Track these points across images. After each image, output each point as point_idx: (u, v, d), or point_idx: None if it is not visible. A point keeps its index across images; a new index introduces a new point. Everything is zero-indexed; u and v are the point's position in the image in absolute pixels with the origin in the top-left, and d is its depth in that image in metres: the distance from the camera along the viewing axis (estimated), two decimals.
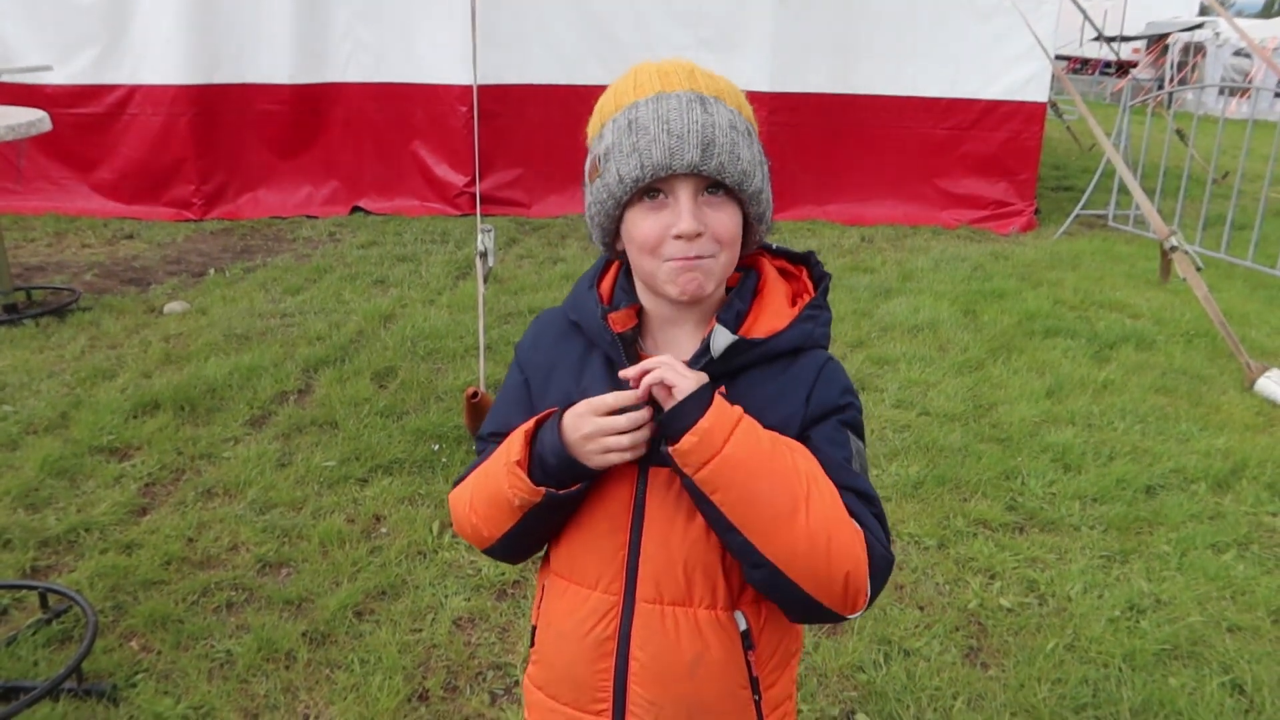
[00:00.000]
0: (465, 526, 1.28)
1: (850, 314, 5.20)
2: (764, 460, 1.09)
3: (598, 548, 1.21)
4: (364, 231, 6.83)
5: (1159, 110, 8.36)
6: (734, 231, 1.16)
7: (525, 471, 1.16)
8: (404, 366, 4.34)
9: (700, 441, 1.07)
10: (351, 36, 7.20)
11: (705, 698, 1.21)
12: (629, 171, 1.13)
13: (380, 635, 2.57)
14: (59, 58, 6.83)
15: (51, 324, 4.80)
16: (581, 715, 1.25)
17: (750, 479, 1.08)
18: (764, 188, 1.18)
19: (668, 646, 1.19)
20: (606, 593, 1.21)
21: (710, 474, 1.08)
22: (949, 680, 2.47)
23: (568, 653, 1.24)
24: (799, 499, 1.09)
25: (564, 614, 1.24)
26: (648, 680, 1.20)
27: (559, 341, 1.27)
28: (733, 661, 1.21)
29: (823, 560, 1.09)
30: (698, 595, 1.19)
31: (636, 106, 1.14)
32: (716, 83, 1.17)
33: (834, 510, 1.11)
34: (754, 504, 1.09)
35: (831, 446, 1.18)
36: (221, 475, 3.37)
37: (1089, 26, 12.18)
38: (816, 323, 1.22)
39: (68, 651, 2.49)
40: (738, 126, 1.14)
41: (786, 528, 1.09)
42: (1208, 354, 4.74)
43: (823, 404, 1.19)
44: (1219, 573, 2.94)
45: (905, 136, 7.44)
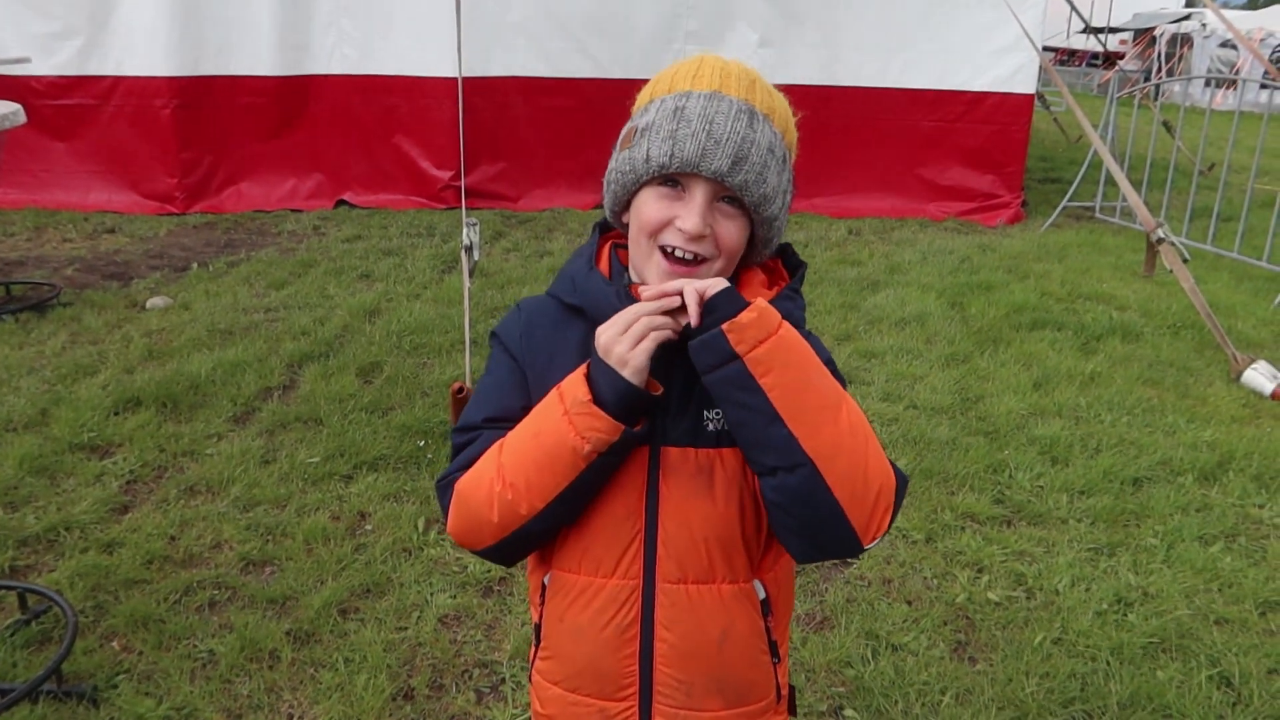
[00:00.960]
0: (488, 512, 1.17)
1: (837, 307, 5.18)
2: (809, 353, 1.11)
3: (614, 534, 1.19)
4: (349, 225, 6.78)
5: (1146, 102, 8.37)
6: (738, 244, 1.17)
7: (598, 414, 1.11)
8: (389, 361, 4.30)
9: (759, 317, 1.07)
10: (335, 28, 7.14)
11: (734, 669, 1.23)
12: (658, 155, 1.13)
13: (365, 634, 2.55)
14: (42, 49, 6.75)
15: (31, 319, 4.75)
16: (608, 704, 1.24)
17: (803, 362, 1.09)
18: (780, 215, 1.19)
19: (695, 625, 1.20)
20: (625, 578, 1.20)
21: (766, 352, 1.07)
22: (937, 675, 2.46)
23: (588, 645, 1.22)
24: (841, 395, 1.12)
25: (578, 608, 1.22)
26: (676, 660, 1.21)
27: (557, 329, 1.24)
28: (755, 631, 1.23)
29: (861, 463, 1.09)
30: (720, 571, 1.20)
31: (689, 96, 1.14)
32: (772, 100, 1.18)
33: (864, 419, 1.13)
34: (805, 391, 1.08)
35: None
36: (204, 472, 3.33)
37: (1076, 18, 12.20)
38: (795, 304, 1.22)
39: (47, 653, 2.45)
40: (775, 151, 1.15)
41: (832, 420, 1.08)
42: (1194, 346, 4.75)
43: None
44: (1206, 565, 2.94)
45: (892, 128, 7.44)
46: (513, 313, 1.30)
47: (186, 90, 6.98)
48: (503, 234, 6.66)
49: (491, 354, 1.30)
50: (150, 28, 6.85)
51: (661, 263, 1.15)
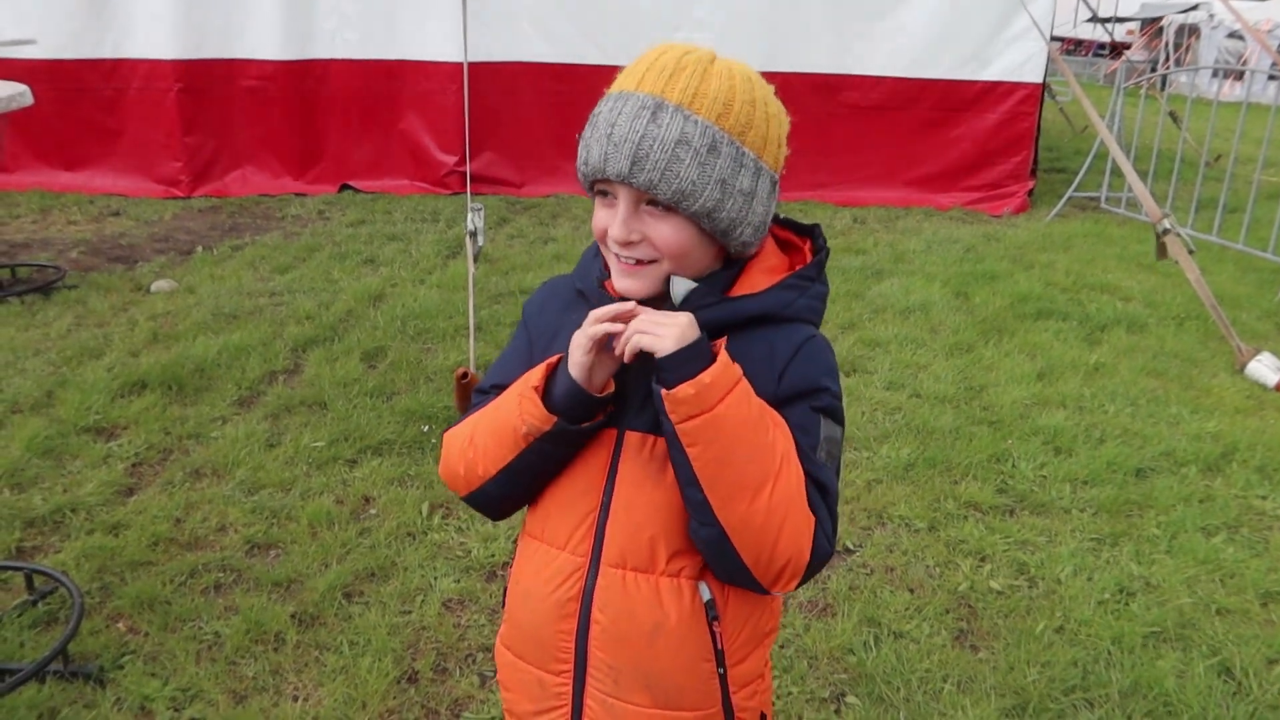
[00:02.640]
0: (458, 464, 1.25)
1: (842, 295, 5.18)
2: (749, 430, 1.09)
3: (571, 509, 1.21)
4: (353, 210, 6.78)
5: (1153, 92, 8.34)
6: (676, 244, 1.14)
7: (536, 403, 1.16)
8: (393, 346, 4.31)
9: (697, 395, 1.06)
10: (338, 12, 7.11)
11: (664, 666, 1.20)
12: (580, 164, 1.16)
13: (369, 617, 2.56)
14: (45, 31, 6.73)
15: (37, 302, 4.76)
16: (545, 675, 1.25)
17: (731, 444, 1.08)
18: (722, 206, 1.12)
19: (627, 611, 1.19)
20: (574, 554, 1.21)
21: (695, 427, 1.07)
22: (939, 663, 2.47)
23: (533, 612, 1.24)
24: (769, 475, 1.09)
25: (532, 573, 1.25)
26: (608, 644, 1.20)
27: (566, 309, 1.26)
28: (694, 632, 1.19)
29: (771, 541, 1.10)
30: (661, 563, 1.18)
31: (606, 99, 1.14)
32: (702, 85, 1.11)
33: (797, 495, 1.11)
34: (725, 468, 1.08)
35: (799, 433, 1.16)
36: (209, 455, 3.34)
37: (1083, 7, 12.13)
38: (802, 293, 1.20)
39: (54, 633, 2.47)
40: (690, 142, 1.09)
41: (748, 500, 1.08)
42: (1199, 337, 4.75)
43: (796, 384, 1.17)
44: (1208, 555, 2.94)
45: (899, 117, 7.41)
46: (539, 287, 1.36)
47: (191, 73, 6.97)
48: (507, 220, 6.65)
49: (518, 323, 1.36)
50: (155, 10, 6.83)
51: (615, 262, 1.18)
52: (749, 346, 1.17)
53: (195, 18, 6.89)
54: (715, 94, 1.11)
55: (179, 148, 7.06)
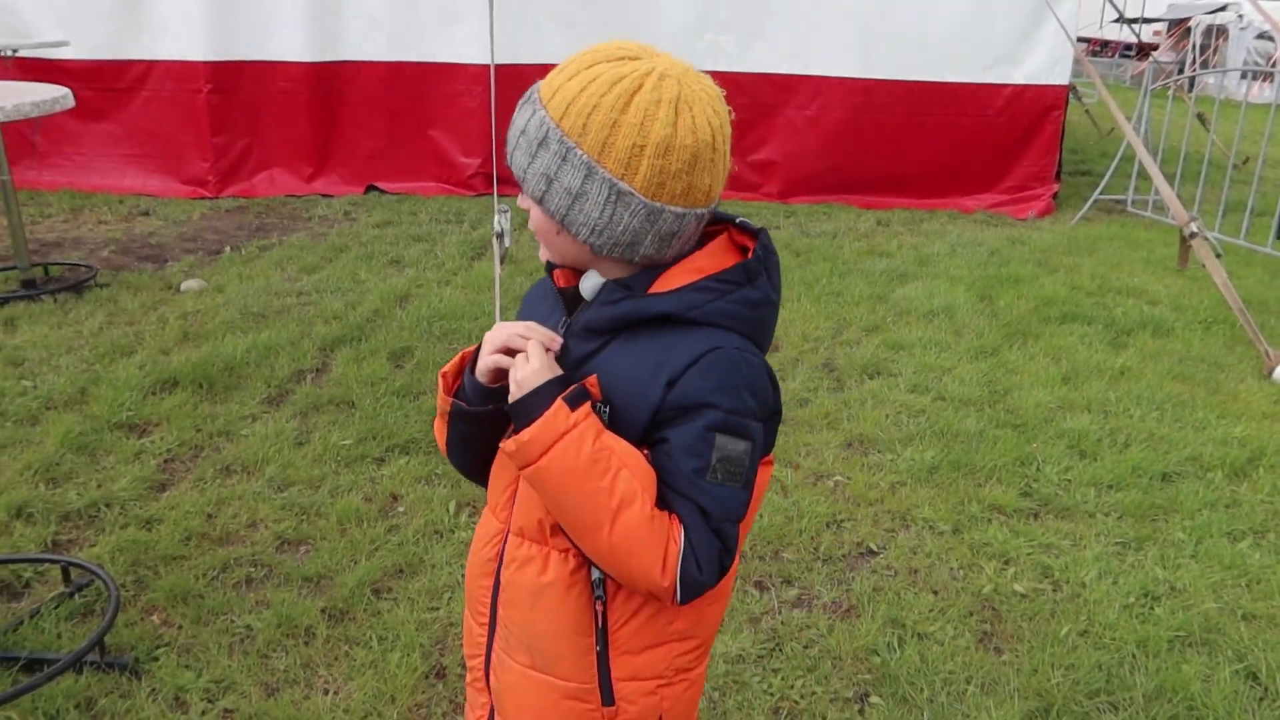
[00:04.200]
0: (438, 436, 1.39)
1: (866, 298, 5.18)
2: (576, 477, 1.13)
3: (499, 478, 1.34)
4: (379, 211, 6.84)
5: (1180, 94, 8.27)
6: (540, 226, 1.24)
7: (447, 384, 1.32)
8: (420, 346, 4.35)
9: (517, 450, 1.15)
10: (365, 14, 7.18)
11: (541, 630, 1.27)
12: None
13: (398, 613, 2.60)
14: (77, 33, 6.84)
15: (69, 300, 4.83)
16: (473, 625, 1.39)
17: (559, 491, 1.15)
18: (552, 199, 1.17)
19: (518, 576, 1.28)
20: (497, 519, 1.33)
21: (527, 475, 1.17)
22: (962, 664, 2.48)
23: (471, 566, 1.39)
24: (602, 521, 1.13)
25: (478, 532, 1.39)
26: (505, 603, 1.31)
27: (540, 301, 1.38)
28: (574, 604, 1.25)
29: (622, 570, 1.17)
30: (549, 536, 1.26)
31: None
32: (570, 84, 1.14)
33: (638, 536, 1.13)
34: (562, 511, 1.17)
35: (685, 455, 1.15)
36: (240, 452, 3.39)
37: (1110, 8, 12.04)
38: (720, 297, 1.18)
39: (90, 625, 2.52)
40: (529, 134, 1.17)
41: (591, 537, 1.15)
42: (1226, 341, 4.72)
43: (684, 398, 1.15)
44: (1234, 561, 2.93)
45: (924, 120, 7.38)
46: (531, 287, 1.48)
47: (221, 75, 7.05)
48: None
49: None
50: (185, 12, 6.91)
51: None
52: (650, 346, 1.18)
53: (225, 19, 6.97)
54: (566, 93, 1.14)
55: (208, 148, 7.14)
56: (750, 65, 7.15)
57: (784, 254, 5.95)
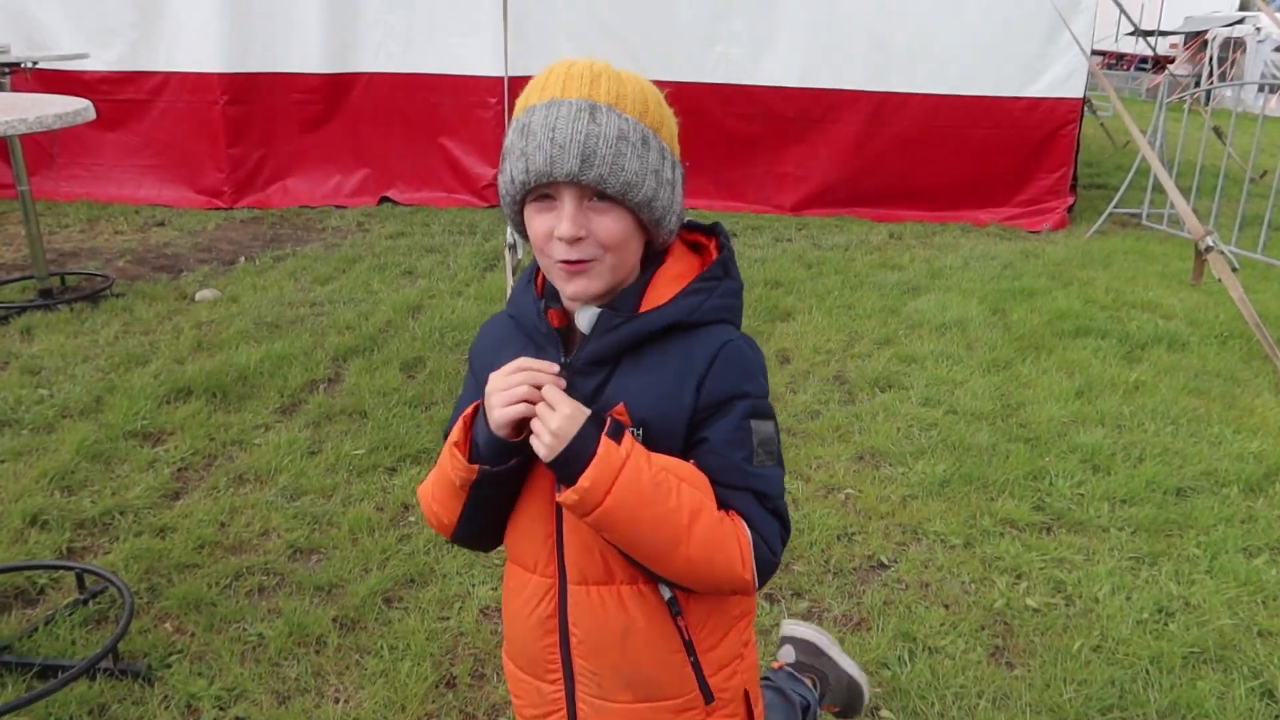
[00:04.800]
0: (431, 517, 1.34)
1: (878, 311, 5.17)
2: (645, 506, 1.14)
3: (532, 535, 1.29)
4: (392, 222, 6.87)
5: (1196, 107, 8.24)
6: (619, 236, 1.19)
7: (464, 452, 1.24)
8: (432, 357, 4.37)
9: (580, 500, 1.14)
10: (381, 26, 7.24)
11: (638, 665, 1.28)
12: (518, 174, 1.19)
13: (409, 622, 2.60)
14: (96, 45, 6.91)
15: (85, 309, 4.87)
16: (541, 684, 1.35)
17: (632, 525, 1.15)
18: (659, 194, 1.20)
19: (597, 623, 1.27)
20: (543, 575, 1.29)
21: (594, 521, 1.16)
22: (974, 679, 2.46)
23: (521, 629, 1.34)
24: (678, 538, 1.16)
25: (514, 593, 1.35)
26: (586, 653, 1.29)
27: (504, 344, 1.31)
28: (660, 629, 1.27)
29: (704, 579, 1.20)
30: (617, 574, 1.26)
31: (533, 110, 1.18)
32: (620, 88, 1.19)
33: (714, 539, 1.18)
34: (637, 543, 1.17)
35: (730, 447, 1.22)
36: (253, 461, 3.41)
37: (1125, 21, 12.02)
38: (710, 295, 1.24)
39: (103, 632, 2.53)
40: (628, 137, 1.16)
41: (667, 561, 1.18)
42: (1242, 356, 4.68)
43: (716, 395, 1.22)
44: (1250, 577, 2.91)
45: (937, 133, 7.37)
46: (479, 331, 1.42)
47: (236, 86, 7.12)
48: None
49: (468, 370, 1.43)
50: (202, 24, 6.99)
51: (560, 267, 1.21)
52: (662, 359, 1.22)
53: (242, 31, 7.04)
54: (634, 95, 1.19)
55: (223, 159, 7.20)
56: (763, 78, 7.16)
57: (796, 266, 5.95)
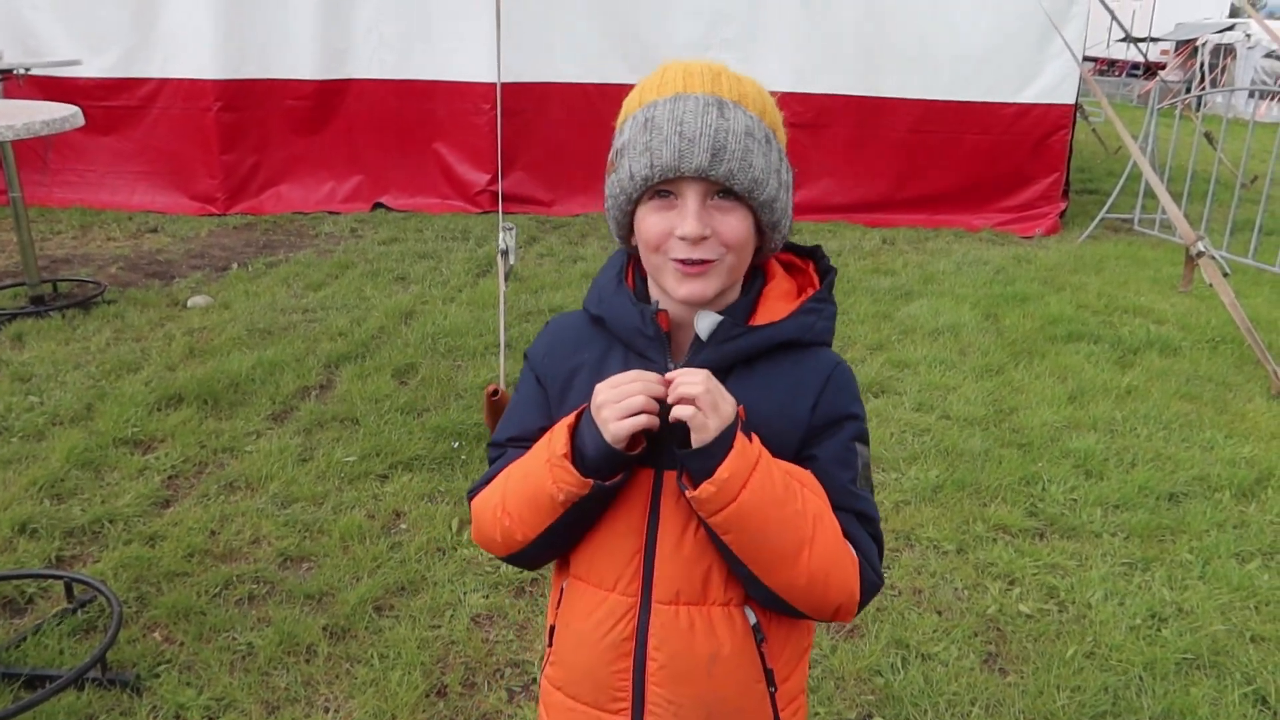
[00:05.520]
0: (493, 532, 1.25)
1: (870, 316, 5.17)
2: (776, 505, 1.12)
3: (615, 550, 1.21)
4: (385, 228, 6.86)
5: (1187, 113, 8.27)
6: (742, 236, 1.16)
7: (571, 470, 1.15)
8: (424, 363, 4.36)
9: (718, 492, 1.09)
10: (375, 33, 7.23)
11: (723, 694, 1.22)
12: (640, 169, 1.14)
13: (399, 631, 2.59)
14: (91, 51, 6.90)
15: (77, 316, 4.85)
16: (601, 715, 1.25)
17: (762, 525, 1.11)
18: (779, 196, 1.17)
19: (684, 646, 1.20)
20: (624, 594, 1.21)
21: (723, 519, 1.11)
22: (967, 686, 2.46)
23: (586, 654, 1.24)
24: (804, 540, 1.13)
25: (582, 615, 1.25)
26: (666, 680, 1.21)
27: (580, 347, 1.26)
28: (747, 656, 1.22)
29: (820, 593, 1.16)
30: (712, 593, 1.20)
31: (655, 105, 1.15)
32: (742, 86, 1.17)
33: (835, 548, 1.16)
34: (762, 547, 1.13)
35: (838, 467, 1.20)
36: (244, 469, 3.40)
37: (1116, 27, 12.07)
38: (820, 316, 1.23)
39: (92, 641, 2.52)
40: (754, 134, 1.13)
41: (790, 567, 1.13)
42: (1234, 361, 4.69)
43: (829, 414, 1.21)
44: (1243, 582, 2.91)
45: (929, 138, 7.39)
46: (542, 331, 1.34)
47: (230, 93, 7.10)
48: (537, 238, 6.71)
49: (521, 372, 1.35)
50: (196, 31, 6.98)
51: (675, 267, 1.17)
52: (774, 374, 1.20)
53: (236, 38, 7.03)
54: (754, 94, 1.17)
55: (216, 165, 7.19)
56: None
57: None
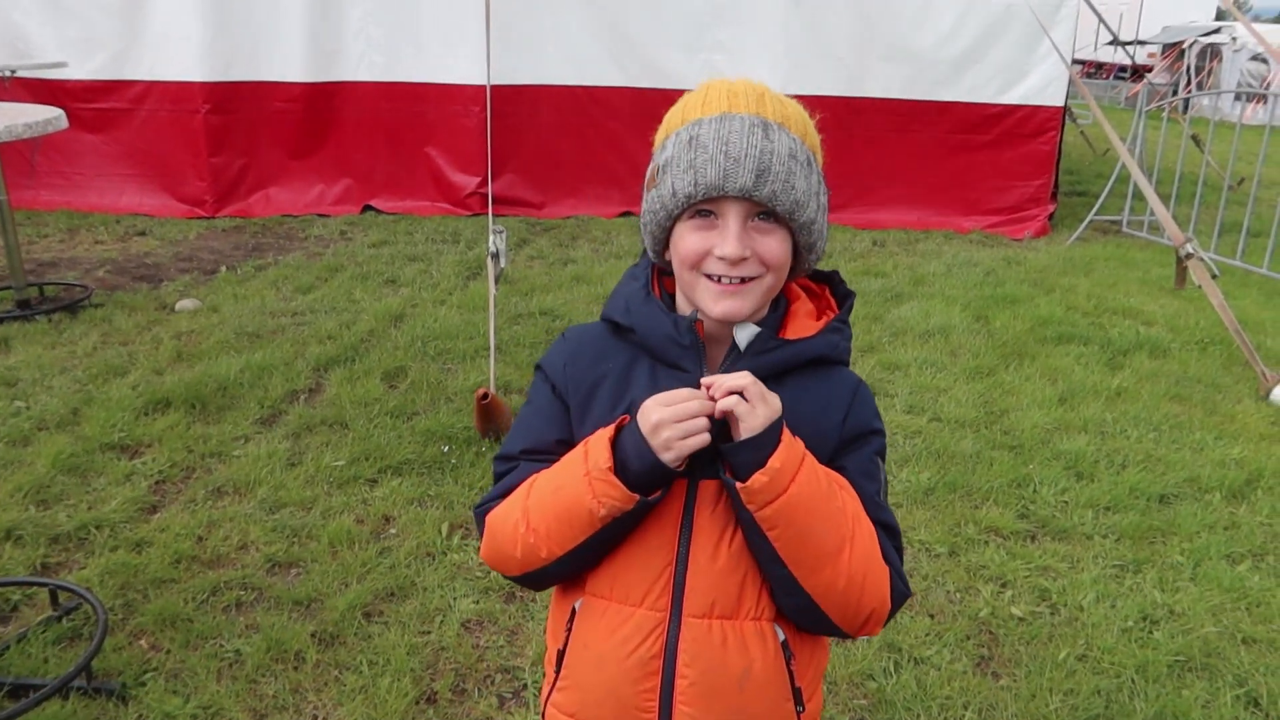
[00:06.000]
0: (512, 549, 1.20)
1: (861, 319, 5.17)
2: (822, 501, 1.12)
3: (644, 564, 1.19)
4: (375, 230, 6.84)
5: (1175, 115, 8.31)
6: (782, 257, 1.17)
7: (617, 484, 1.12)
8: (414, 367, 4.34)
9: (770, 482, 1.09)
10: (364, 35, 7.21)
11: (752, 711, 1.19)
12: (683, 187, 1.14)
13: (389, 637, 2.57)
14: (79, 54, 6.86)
15: (64, 320, 4.82)
16: None
17: (808, 519, 1.11)
18: (817, 218, 1.18)
19: (716, 662, 1.17)
20: (653, 609, 1.18)
21: (773, 512, 1.10)
22: (959, 689, 2.45)
23: (609, 674, 1.20)
24: (845, 539, 1.13)
25: (604, 634, 1.20)
26: (695, 697, 1.18)
27: (602, 358, 1.25)
28: (776, 673, 1.20)
29: (856, 597, 1.16)
30: (745, 606, 1.19)
31: (700, 124, 1.15)
32: (785, 108, 1.17)
33: (871, 550, 1.17)
34: (806, 543, 1.12)
35: (864, 479, 1.21)
36: (232, 474, 3.37)
37: (1104, 30, 12.12)
38: (842, 336, 1.25)
39: (77, 649, 2.49)
40: (797, 156, 1.14)
41: (830, 566, 1.13)
42: (1222, 362, 4.71)
43: (857, 427, 1.23)
44: (1234, 584, 2.91)
45: (919, 141, 7.42)
46: (558, 342, 1.32)
47: (218, 95, 7.07)
48: (527, 241, 6.69)
49: (533, 383, 1.31)
50: (184, 33, 6.95)
51: (711, 285, 1.16)
52: (803, 389, 1.21)
53: (225, 41, 7.00)
54: (796, 116, 1.18)
55: (205, 168, 7.16)
56: None
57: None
